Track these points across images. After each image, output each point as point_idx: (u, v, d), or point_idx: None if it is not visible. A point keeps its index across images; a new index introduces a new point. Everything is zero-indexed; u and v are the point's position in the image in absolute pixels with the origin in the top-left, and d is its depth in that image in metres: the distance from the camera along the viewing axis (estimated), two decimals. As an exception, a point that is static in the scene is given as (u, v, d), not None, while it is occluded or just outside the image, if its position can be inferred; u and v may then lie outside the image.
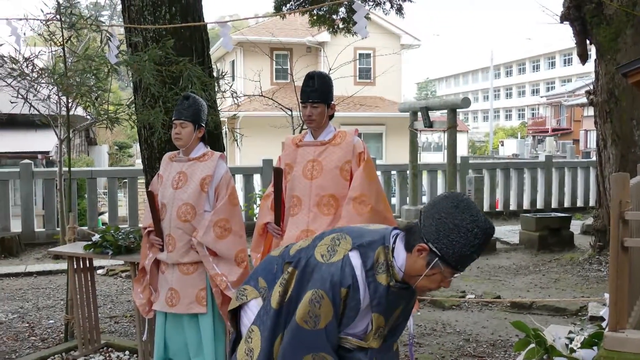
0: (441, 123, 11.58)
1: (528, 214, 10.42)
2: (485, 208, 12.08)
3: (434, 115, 11.64)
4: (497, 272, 8.28)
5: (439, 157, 34.67)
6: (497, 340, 5.42)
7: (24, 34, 5.11)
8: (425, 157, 35.30)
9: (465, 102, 10.39)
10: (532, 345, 2.31)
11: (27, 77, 5.17)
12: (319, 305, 2.14)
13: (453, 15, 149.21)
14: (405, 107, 12.10)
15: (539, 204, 13.44)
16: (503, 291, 7.14)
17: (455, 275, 2.23)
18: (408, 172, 11.82)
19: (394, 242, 2.24)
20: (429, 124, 10.95)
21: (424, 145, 38.58)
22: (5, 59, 5.19)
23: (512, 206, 13.34)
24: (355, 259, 2.19)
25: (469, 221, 2.10)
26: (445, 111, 10.85)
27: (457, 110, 10.65)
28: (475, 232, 2.10)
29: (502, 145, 45.00)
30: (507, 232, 11.08)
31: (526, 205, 13.39)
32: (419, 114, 11.16)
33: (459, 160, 11.58)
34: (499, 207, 13.36)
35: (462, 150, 33.82)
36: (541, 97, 54.28)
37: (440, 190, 12.91)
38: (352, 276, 2.16)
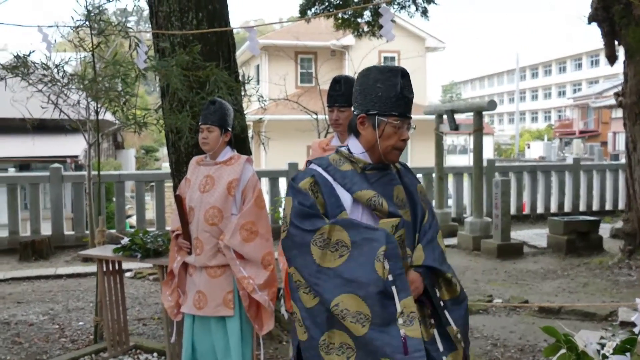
0: (467, 126, 11.52)
1: (556, 218, 10.30)
2: (512, 211, 11.97)
3: (460, 117, 11.59)
4: (524, 276, 8.20)
5: (465, 160, 34.48)
6: (525, 345, 5.37)
7: (55, 40, 5.19)
8: (451, 160, 35.10)
9: (492, 105, 10.33)
10: (563, 350, 2.28)
11: (58, 83, 5.25)
12: (284, 207, 2.26)
13: (478, 17, 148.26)
14: (430, 110, 12.07)
15: (567, 207, 13.30)
16: (531, 295, 7.07)
17: (407, 124, 2.31)
18: (434, 175, 11.78)
19: (346, 147, 2.36)
20: (455, 127, 10.90)
21: (450, 148, 38.44)
22: (36, 65, 5.27)
23: (540, 209, 13.21)
24: (310, 165, 2.33)
25: (378, 72, 2.29)
26: (471, 114, 10.80)
27: (483, 112, 10.60)
28: (388, 75, 2.27)
29: (529, 147, 44.52)
30: (534, 235, 10.98)
31: (554, 208, 13.26)
32: (445, 116, 11.11)
33: (485, 163, 11.50)
34: (526, 211, 13.25)
35: (488, 152, 33.56)
36: (568, 98, 53.70)
37: (467, 193, 12.83)
38: (311, 170, 2.28)
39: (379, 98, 2.25)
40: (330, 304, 2.06)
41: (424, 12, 10.14)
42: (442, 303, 2.29)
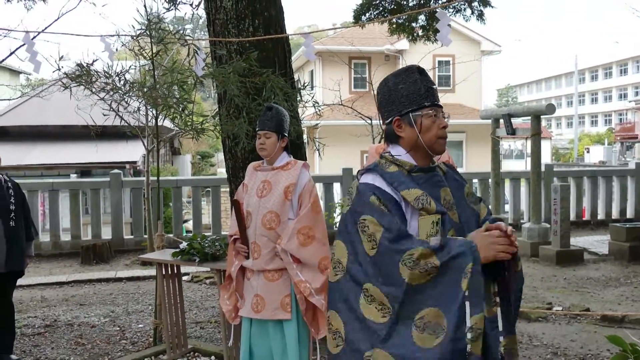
0: (524, 130, 11.31)
1: (618, 224, 10.01)
2: (572, 217, 11.68)
3: (516, 122, 11.38)
4: (585, 283, 7.99)
5: (522, 165, 33.84)
6: (587, 354, 5.23)
7: (116, 49, 5.33)
8: (507, 165, 34.51)
9: (550, 109, 10.12)
10: (629, 360, 2.22)
11: (119, 91, 5.39)
12: (367, 227, 2.17)
13: (535, 19, 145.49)
14: (487, 115, 11.89)
15: (629, 214, 12.90)
16: (592, 303, 6.88)
17: (441, 112, 2.31)
18: (490, 180, 11.59)
19: (388, 152, 2.38)
20: (512, 131, 10.71)
21: (506, 152, 37.77)
22: (99, 74, 5.42)
23: (600, 215, 12.87)
24: (364, 179, 2.31)
25: (395, 77, 2.35)
26: (528, 118, 10.60)
27: (541, 116, 10.39)
28: (405, 76, 2.32)
29: (588, 152, 43.41)
30: (595, 242, 10.69)
31: (615, 214, 12.88)
32: (501, 121, 10.93)
33: (543, 168, 11.26)
34: (586, 217, 12.92)
35: (545, 157, 32.87)
36: (629, 101, 52.14)
37: (524, 198, 12.59)
38: (371, 187, 2.25)
39: (406, 97, 2.29)
40: (415, 316, 2.09)
41: (480, 16, 10.00)
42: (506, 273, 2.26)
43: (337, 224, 2.34)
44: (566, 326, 6.10)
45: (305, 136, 6.34)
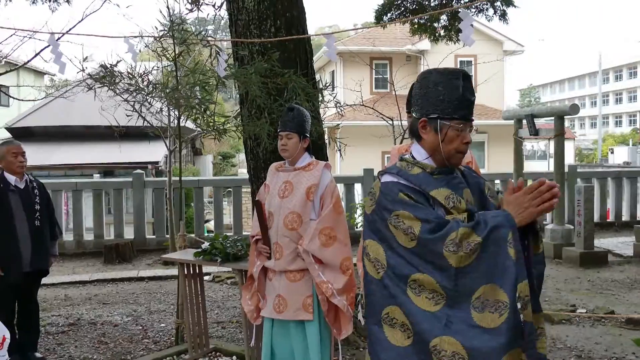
0: (547, 131, 11.21)
1: (643, 225, 9.88)
2: (596, 218, 11.54)
3: (539, 122, 11.28)
4: (609, 286, 7.89)
5: (544, 166, 33.56)
6: (611, 357, 5.17)
7: (139, 50, 5.37)
8: (530, 166, 34.23)
9: (574, 109, 10.02)
10: (657, 364, 2.18)
11: (142, 92, 5.43)
12: (402, 222, 2.15)
13: (558, 18, 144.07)
14: (509, 115, 11.80)
15: (655, 215, 12.74)
16: (617, 306, 6.79)
17: (468, 127, 2.26)
18: (512, 181, 11.50)
19: (410, 154, 2.36)
20: (535, 132, 10.62)
21: (529, 153, 37.43)
22: (122, 75, 5.47)
23: (625, 217, 12.71)
24: (386, 178, 2.28)
25: (439, 75, 2.27)
26: (551, 118, 10.50)
27: (565, 117, 10.29)
28: (449, 78, 2.25)
29: (612, 153, 42.86)
30: (619, 244, 10.55)
31: (640, 216, 12.73)
32: (524, 121, 10.85)
33: (566, 169, 11.15)
34: (610, 218, 12.76)
35: (568, 158, 32.53)
36: (655, 101, 51.43)
37: (547, 199, 12.46)
38: (397, 185, 2.23)
39: (441, 101, 2.23)
40: (472, 297, 2.06)
41: (503, 15, 9.91)
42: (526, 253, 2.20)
43: (362, 226, 2.32)
44: (590, 329, 6.03)
45: (326, 136, 6.34)
